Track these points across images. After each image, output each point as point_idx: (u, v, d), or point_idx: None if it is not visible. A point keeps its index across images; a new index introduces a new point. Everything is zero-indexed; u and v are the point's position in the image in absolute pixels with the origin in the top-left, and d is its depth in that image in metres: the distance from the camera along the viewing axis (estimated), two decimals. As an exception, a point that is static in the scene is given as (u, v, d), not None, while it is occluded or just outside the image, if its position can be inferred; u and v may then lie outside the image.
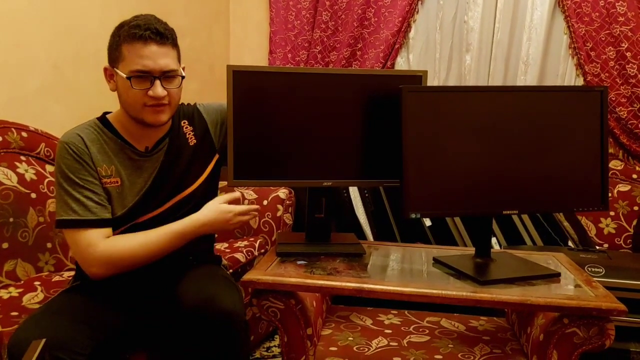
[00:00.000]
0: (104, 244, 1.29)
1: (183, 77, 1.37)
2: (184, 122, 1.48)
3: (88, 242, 1.29)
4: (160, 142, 1.43)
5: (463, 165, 1.40)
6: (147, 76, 1.29)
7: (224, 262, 1.66)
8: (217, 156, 1.51)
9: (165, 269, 1.40)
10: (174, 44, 1.35)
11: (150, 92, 1.30)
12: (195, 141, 1.48)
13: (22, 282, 1.58)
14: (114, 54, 1.32)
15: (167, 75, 1.32)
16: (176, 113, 1.47)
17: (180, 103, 1.51)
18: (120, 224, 1.37)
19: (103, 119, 1.41)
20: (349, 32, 2.93)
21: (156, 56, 1.29)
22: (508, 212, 1.42)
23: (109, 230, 1.33)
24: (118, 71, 1.31)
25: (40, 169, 1.77)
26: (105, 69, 1.36)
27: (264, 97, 1.48)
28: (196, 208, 1.44)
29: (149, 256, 1.32)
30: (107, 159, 1.36)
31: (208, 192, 1.50)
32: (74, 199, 1.30)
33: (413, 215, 1.38)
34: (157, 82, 1.30)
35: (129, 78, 1.29)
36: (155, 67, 1.29)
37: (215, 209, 1.38)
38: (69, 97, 2.04)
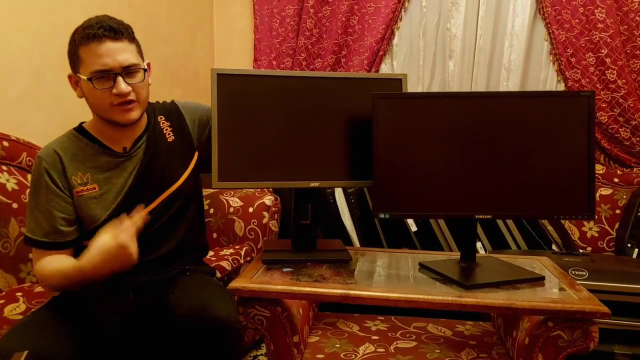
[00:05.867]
0: (37, 265, 1.34)
1: (145, 70, 1.35)
2: (161, 118, 1.48)
3: (34, 259, 1.36)
4: (138, 141, 1.42)
5: (434, 169, 1.42)
6: (108, 75, 1.28)
7: (218, 274, 1.65)
8: (197, 153, 1.50)
9: (157, 279, 1.40)
10: (131, 39, 1.33)
11: (114, 90, 1.28)
12: (173, 137, 1.47)
13: (4, 293, 1.55)
14: (73, 59, 1.32)
15: (128, 71, 1.30)
16: (152, 109, 1.47)
17: (157, 101, 1.51)
18: None
19: (79, 127, 1.42)
20: (333, 40, 2.94)
21: (113, 53, 1.27)
22: (481, 216, 1.42)
23: (51, 254, 1.34)
24: (80, 75, 1.30)
25: (22, 178, 1.75)
26: (70, 77, 1.35)
27: (248, 100, 1.48)
28: (186, 205, 1.46)
29: (64, 285, 1.30)
30: (82, 167, 1.36)
31: (194, 189, 1.50)
32: (33, 217, 1.35)
33: (382, 215, 1.43)
34: (119, 79, 1.28)
35: (90, 79, 1.27)
36: (114, 64, 1.27)
37: (99, 248, 1.21)
38: (51, 104, 2.02)
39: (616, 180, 2.68)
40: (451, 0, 2.89)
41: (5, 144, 1.74)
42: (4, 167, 1.72)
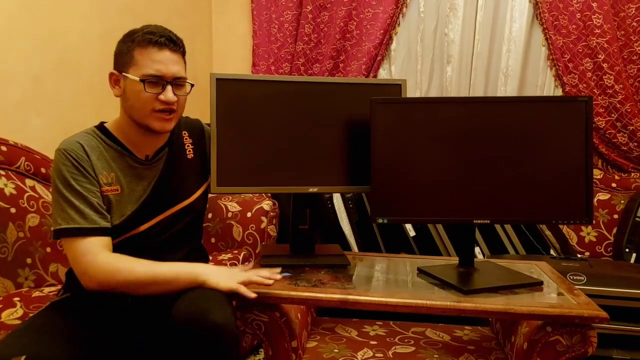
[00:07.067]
0: (106, 256, 1.26)
1: (192, 85, 1.40)
2: (185, 133, 1.50)
3: (87, 250, 1.26)
4: (160, 151, 1.44)
5: (432, 173, 1.43)
6: (158, 81, 1.31)
7: None
8: (210, 178, 1.51)
9: None
10: (184, 55, 1.39)
11: (162, 97, 1.31)
12: (193, 155, 1.49)
13: (1, 298, 1.55)
14: (124, 58, 1.33)
15: (177, 83, 1.35)
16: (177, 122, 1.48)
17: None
18: (119, 233, 1.35)
19: (101, 127, 1.41)
20: (331, 45, 2.95)
21: (169, 62, 1.32)
22: (479, 221, 1.42)
23: (108, 240, 1.30)
24: (128, 75, 1.32)
25: (20, 183, 1.74)
26: (111, 75, 1.37)
27: (247, 105, 1.49)
28: (194, 221, 1.48)
29: (148, 283, 1.27)
30: (107, 167, 1.35)
31: (203, 207, 1.54)
32: (73, 207, 1.28)
33: (380, 221, 1.43)
34: (169, 87, 1.32)
35: (142, 81, 1.30)
36: (167, 73, 1.32)
37: (224, 268, 1.37)
38: (50, 109, 2.02)
39: (614, 185, 2.69)
40: (449, 5, 2.91)
41: (4, 148, 1.74)
42: (2, 172, 1.71)
